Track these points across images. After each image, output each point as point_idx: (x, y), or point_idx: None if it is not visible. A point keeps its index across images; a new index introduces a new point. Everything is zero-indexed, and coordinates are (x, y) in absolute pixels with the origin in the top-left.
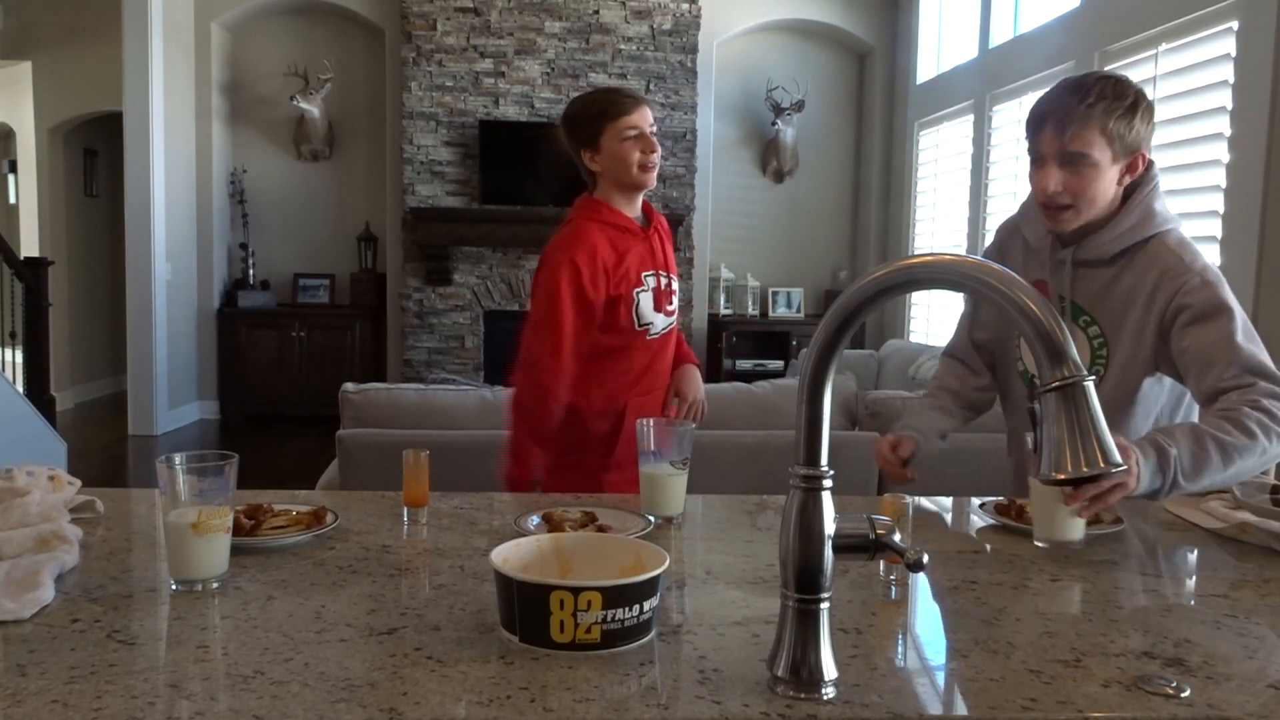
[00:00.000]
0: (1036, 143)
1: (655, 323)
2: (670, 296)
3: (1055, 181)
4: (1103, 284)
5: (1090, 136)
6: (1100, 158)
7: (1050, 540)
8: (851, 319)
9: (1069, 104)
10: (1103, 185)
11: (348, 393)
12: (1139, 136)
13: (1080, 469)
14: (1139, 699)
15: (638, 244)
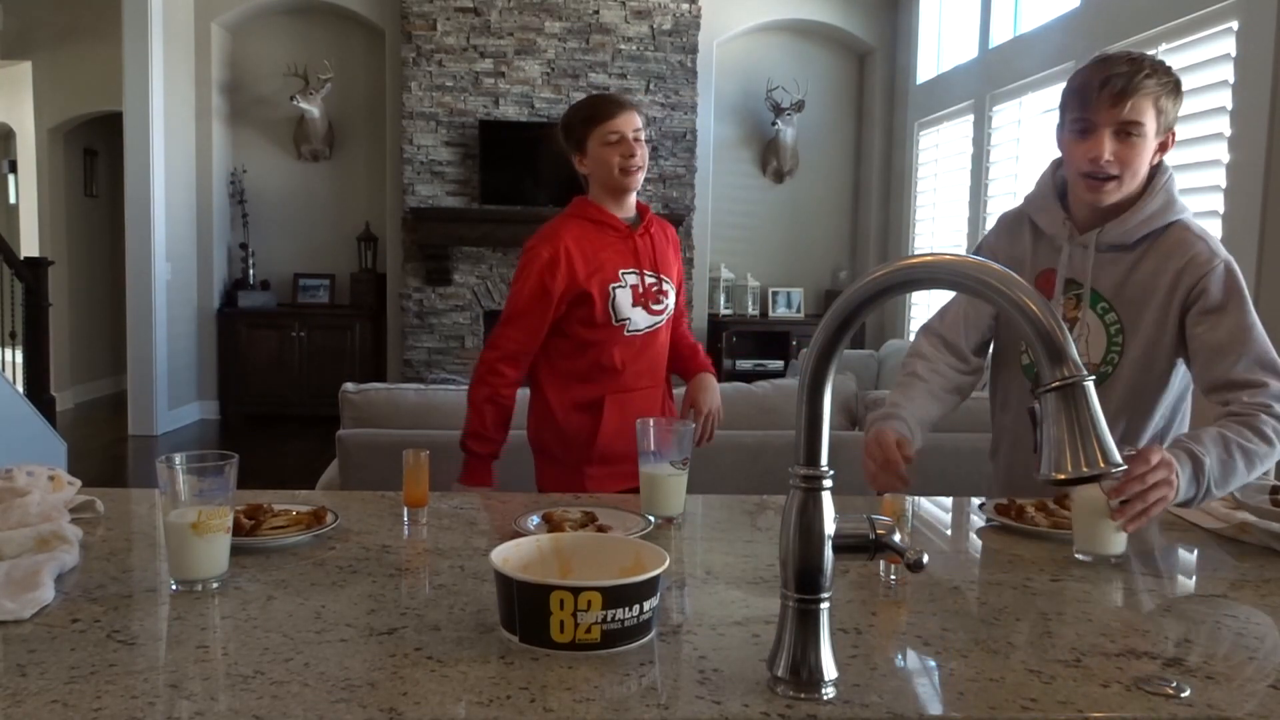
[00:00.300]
0: (1090, 110)
1: (634, 319)
2: (657, 296)
3: (1109, 149)
4: (1123, 270)
5: (1145, 106)
6: (1150, 129)
7: (1092, 553)
8: (851, 319)
9: (1127, 73)
10: (1146, 157)
11: (348, 393)
12: (1175, 114)
13: (1080, 469)
14: (1139, 699)
15: (619, 242)
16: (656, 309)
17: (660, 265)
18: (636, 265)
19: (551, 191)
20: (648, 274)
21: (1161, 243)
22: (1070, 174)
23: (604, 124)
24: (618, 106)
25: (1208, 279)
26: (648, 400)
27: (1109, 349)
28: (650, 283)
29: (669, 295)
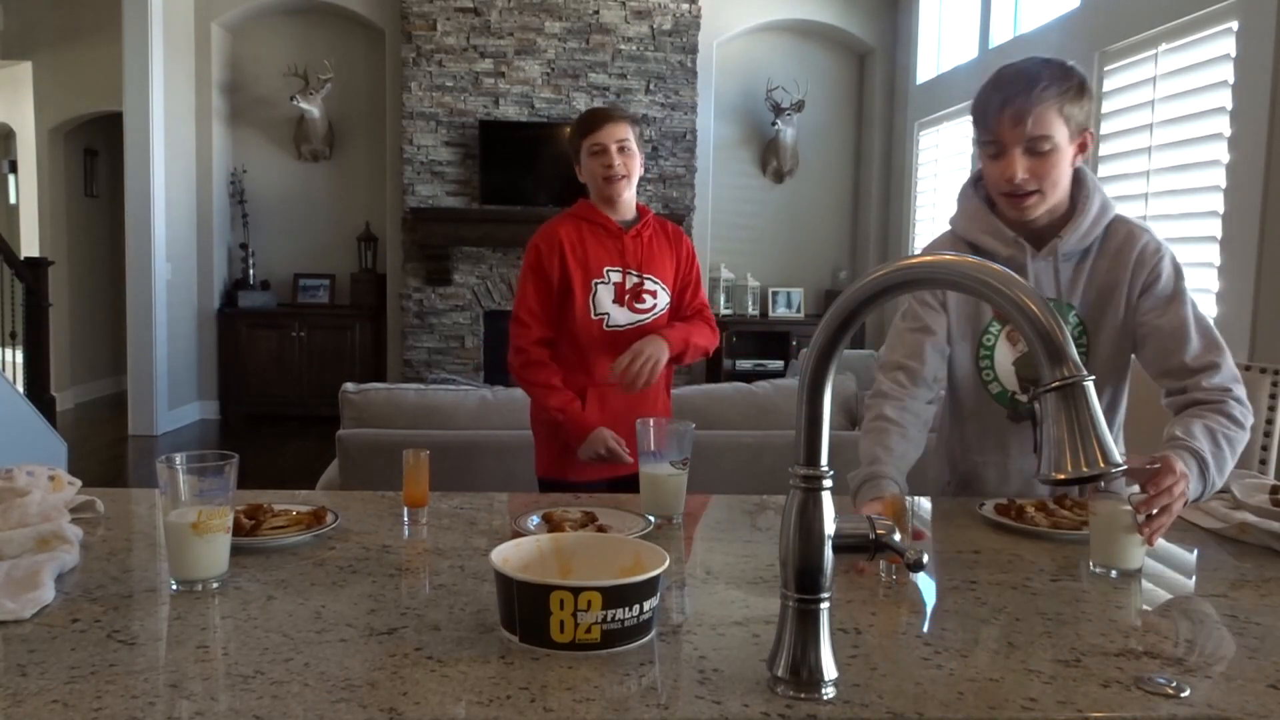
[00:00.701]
0: (995, 131)
1: (613, 314)
2: (641, 295)
3: (1022, 169)
4: (1079, 274)
5: (1049, 118)
6: (1060, 140)
7: (1111, 567)
8: (851, 319)
9: (1023, 91)
10: (1063, 167)
11: (348, 393)
12: (1085, 116)
13: (1080, 469)
14: (1139, 699)
15: (608, 240)
16: (640, 307)
17: (649, 266)
18: (622, 264)
19: (551, 191)
20: (632, 273)
21: (1108, 241)
22: (992, 193)
23: (589, 136)
24: (603, 119)
25: (1159, 267)
26: (635, 396)
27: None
28: (634, 282)
29: (656, 296)
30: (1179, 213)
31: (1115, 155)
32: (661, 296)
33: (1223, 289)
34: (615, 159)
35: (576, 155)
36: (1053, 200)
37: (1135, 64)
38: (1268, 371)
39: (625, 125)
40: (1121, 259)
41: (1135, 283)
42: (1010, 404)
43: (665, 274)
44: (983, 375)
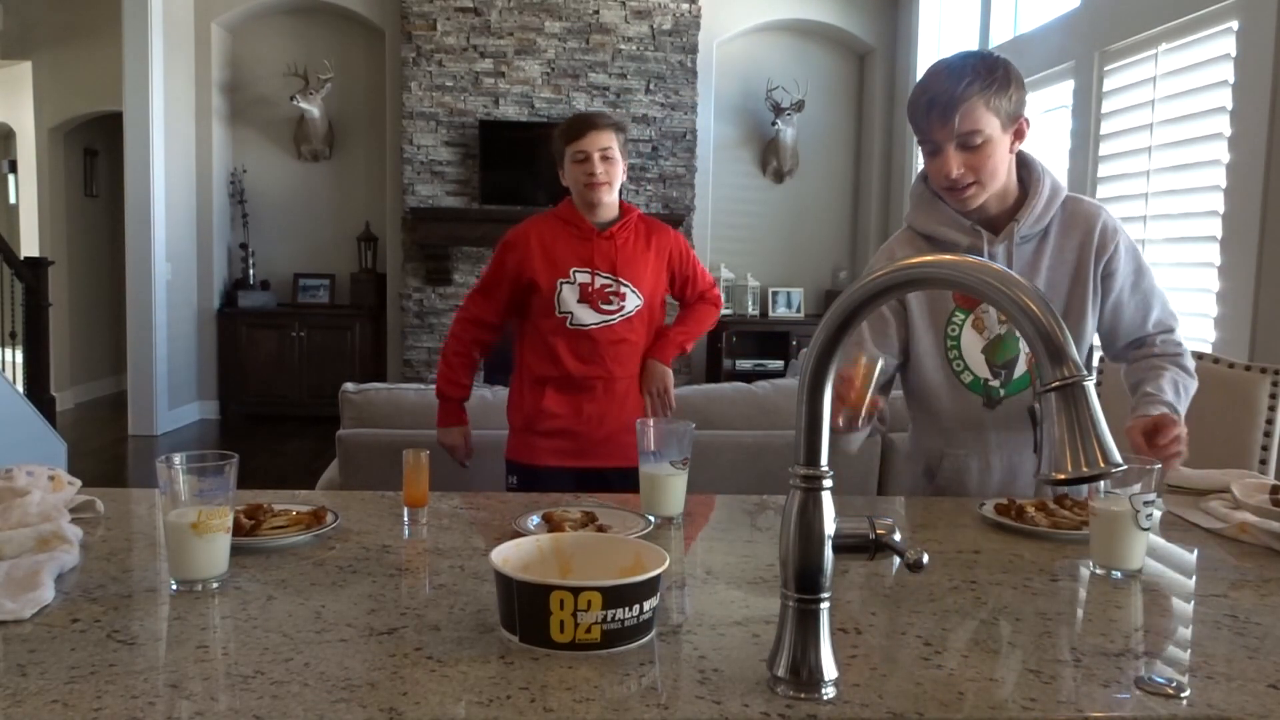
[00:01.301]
0: (926, 132)
1: (577, 314)
2: (609, 297)
3: (957, 164)
4: (1037, 254)
5: (976, 113)
6: (991, 132)
7: (1111, 568)
8: (851, 319)
9: (947, 89)
10: (999, 157)
11: (348, 393)
12: (1017, 104)
13: (1080, 469)
14: (1139, 699)
15: (579, 242)
16: (607, 308)
17: (620, 269)
18: (591, 266)
19: (551, 191)
20: (601, 275)
21: (1062, 220)
22: (936, 189)
23: (573, 143)
24: (587, 126)
25: (1119, 244)
26: (598, 393)
27: None
28: (603, 283)
29: (625, 298)
30: (1179, 213)
31: (1115, 155)
32: (631, 299)
33: (1223, 289)
34: (598, 167)
35: (560, 159)
36: (993, 188)
37: (1135, 64)
38: (1268, 371)
39: (609, 133)
40: (1074, 237)
41: (1099, 261)
42: (984, 391)
43: (640, 277)
44: (953, 366)
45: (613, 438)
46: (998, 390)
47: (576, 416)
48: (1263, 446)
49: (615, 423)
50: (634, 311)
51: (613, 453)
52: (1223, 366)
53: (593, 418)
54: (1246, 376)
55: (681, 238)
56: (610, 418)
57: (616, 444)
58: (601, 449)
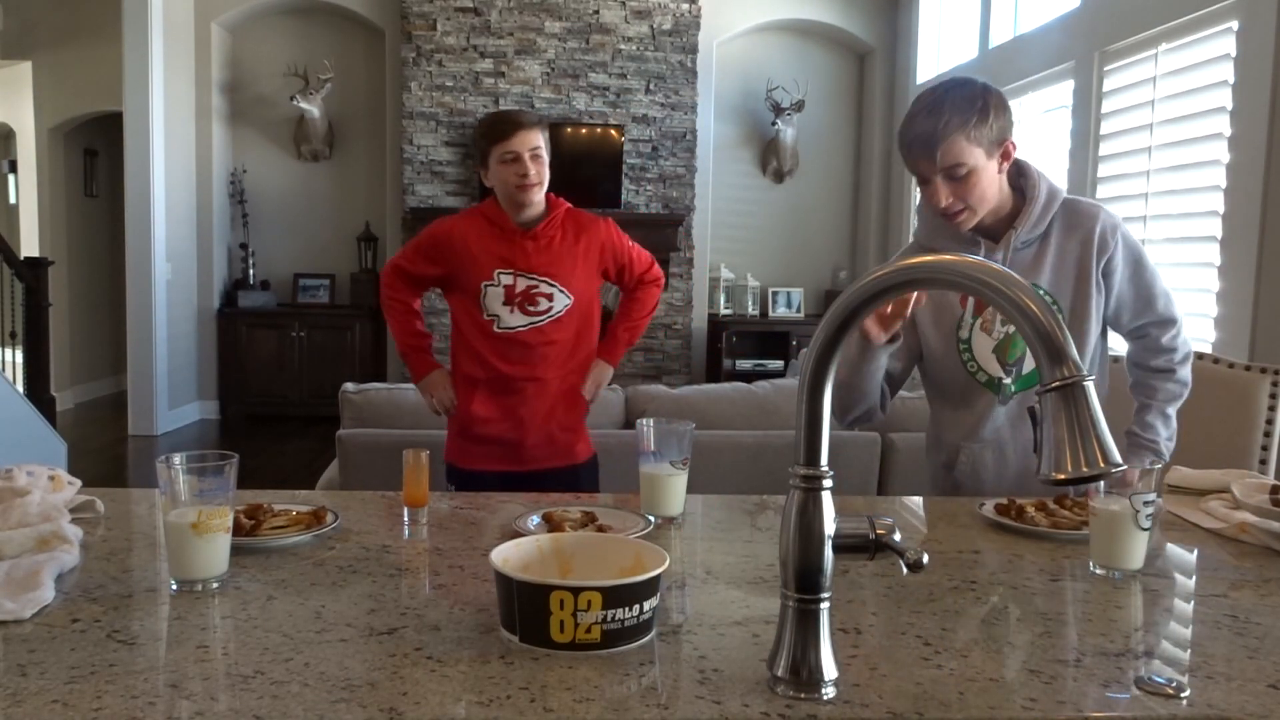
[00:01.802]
0: (915, 168)
1: (503, 317)
2: (534, 298)
3: (946, 195)
4: (1034, 256)
5: (957, 147)
6: (974, 162)
7: (1111, 568)
8: (851, 319)
9: (928, 128)
10: (986, 182)
11: (348, 393)
12: (1000, 130)
13: (1080, 469)
14: (1139, 699)
15: (503, 242)
16: (532, 310)
17: (549, 269)
18: (514, 267)
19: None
20: (524, 276)
21: (1062, 222)
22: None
23: (500, 143)
24: (514, 126)
25: (1118, 242)
26: (529, 395)
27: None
28: (527, 285)
29: (553, 299)
30: (1179, 213)
31: (1115, 155)
32: (560, 299)
33: (1223, 289)
34: (529, 168)
35: (484, 161)
36: (984, 211)
37: (1135, 64)
38: (1268, 371)
39: (537, 131)
40: (1074, 236)
41: (1100, 260)
42: (996, 389)
43: (569, 275)
44: (967, 367)
45: (548, 440)
46: (1009, 387)
47: (508, 420)
48: (1263, 446)
49: (548, 425)
50: (563, 312)
51: (548, 455)
52: (1223, 366)
53: (524, 421)
54: (1246, 376)
55: (611, 226)
56: (542, 420)
57: (552, 446)
58: (536, 452)
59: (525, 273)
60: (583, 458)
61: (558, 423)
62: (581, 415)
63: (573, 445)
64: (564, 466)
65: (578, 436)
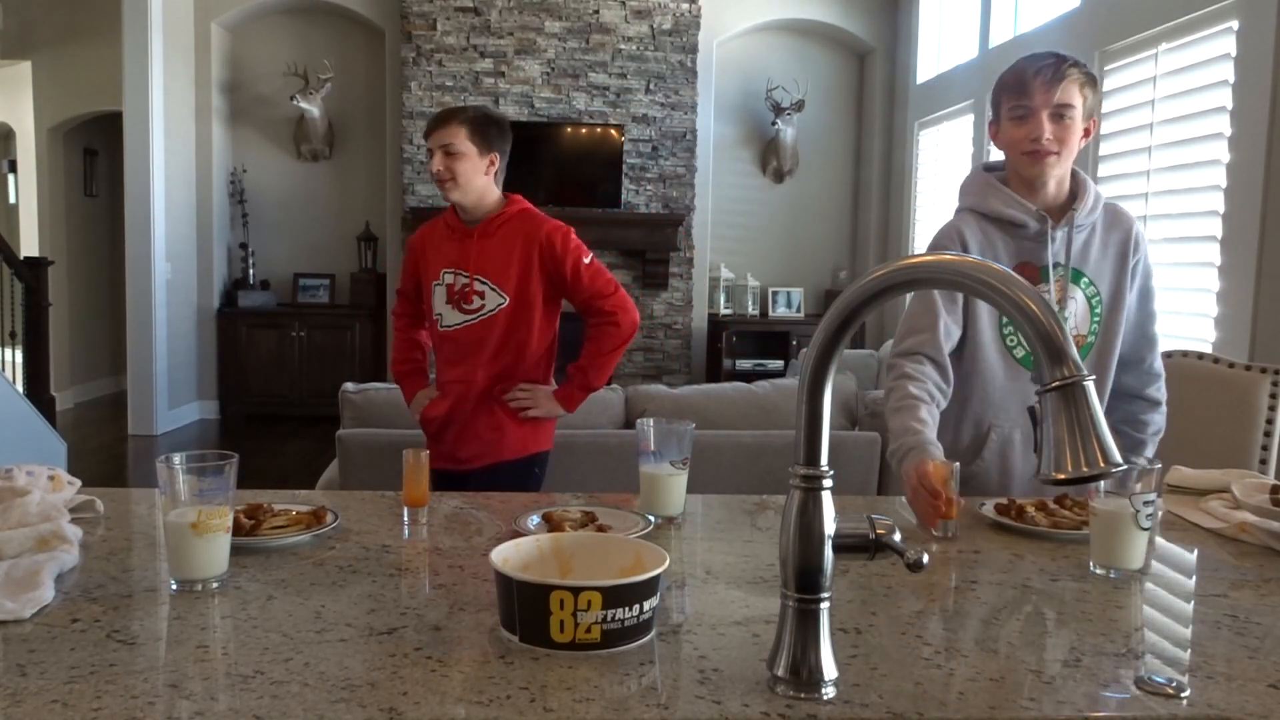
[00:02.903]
0: (1027, 96)
1: (444, 315)
2: (469, 296)
3: (1049, 130)
4: (1084, 244)
5: (1073, 90)
6: (1079, 112)
7: (1110, 567)
8: (851, 319)
9: (1054, 64)
10: (1077, 137)
11: (348, 393)
12: (1095, 103)
13: (1080, 469)
14: (1139, 699)
15: (453, 243)
16: (467, 308)
17: (481, 267)
18: (457, 266)
19: (551, 191)
20: (462, 274)
21: (1104, 220)
22: (1012, 158)
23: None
24: (434, 122)
25: (1144, 254)
26: (461, 394)
27: (1091, 319)
28: (463, 283)
29: (485, 297)
30: (1179, 212)
31: (1115, 155)
32: (491, 297)
33: (1223, 289)
34: (435, 164)
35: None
36: (1063, 167)
37: (1135, 64)
38: (1268, 371)
39: (452, 127)
40: (1113, 234)
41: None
42: (1034, 366)
43: (503, 275)
44: (1006, 341)
45: (474, 438)
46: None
47: (443, 418)
48: (1263, 446)
49: (475, 424)
50: (495, 310)
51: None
52: (1223, 366)
53: (454, 419)
54: (1246, 376)
55: (559, 233)
56: (468, 419)
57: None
58: (461, 450)
59: (464, 271)
60: (508, 456)
61: (484, 422)
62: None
63: (498, 443)
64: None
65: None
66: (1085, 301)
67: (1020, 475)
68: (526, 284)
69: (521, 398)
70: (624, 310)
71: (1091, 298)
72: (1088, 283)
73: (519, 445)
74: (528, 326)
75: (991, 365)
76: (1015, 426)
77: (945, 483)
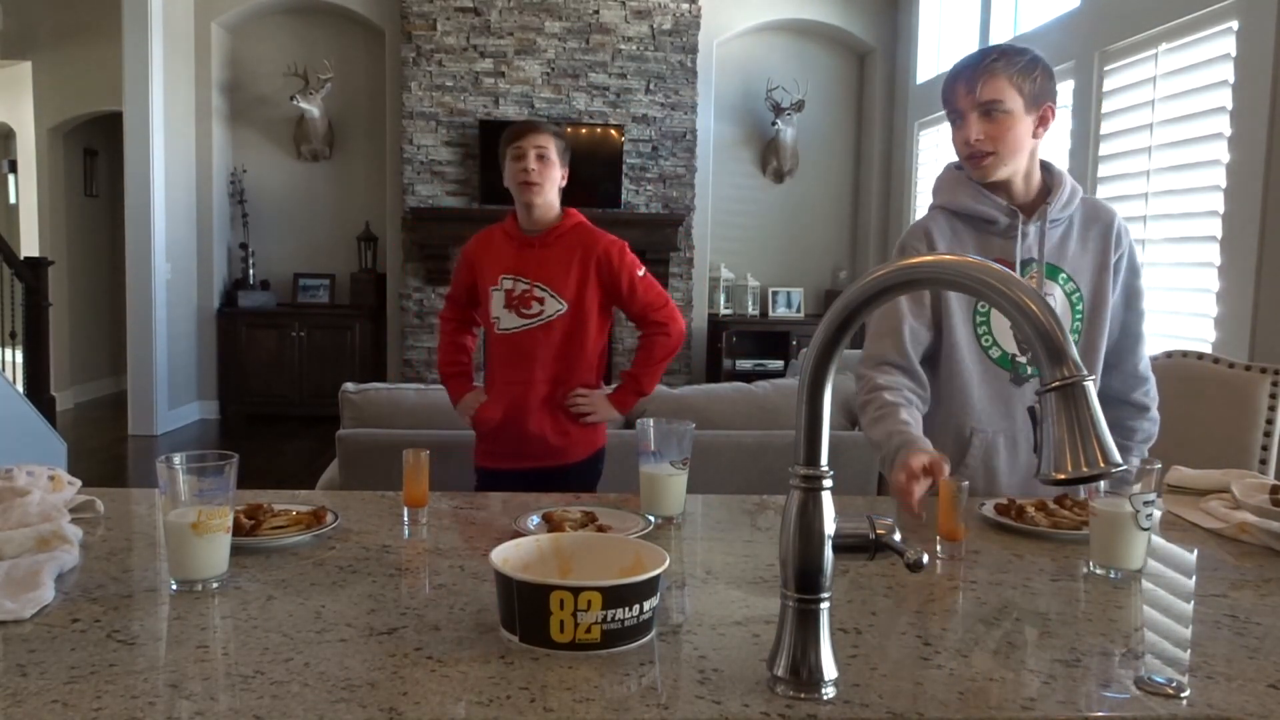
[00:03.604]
0: (953, 101)
1: (502, 319)
2: (529, 302)
3: (977, 131)
4: (1060, 239)
5: (999, 85)
6: (1012, 106)
7: (1110, 567)
8: (851, 319)
9: (975, 62)
10: (1018, 132)
11: (348, 393)
12: (1043, 90)
13: (1080, 469)
14: (1139, 699)
15: (512, 250)
16: (526, 313)
17: (541, 275)
18: (516, 272)
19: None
20: (523, 281)
21: (1083, 215)
22: (959, 159)
23: (512, 143)
24: (526, 127)
25: (1128, 249)
26: (519, 396)
27: (1073, 316)
28: (524, 289)
29: (544, 303)
30: (1179, 212)
31: (1115, 155)
32: (551, 304)
33: (1223, 289)
34: (531, 164)
35: (501, 162)
36: (1011, 164)
37: (1135, 64)
38: (1268, 371)
39: (547, 136)
40: (1093, 229)
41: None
42: (1010, 366)
43: (563, 283)
44: (981, 341)
45: (540, 439)
46: (1024, 367)
47: (505, 420)
48: (1263, 446)
49: (540, 425)
50: (554, 316)
51: (546, 453)
52: (1223, 366)
53: (513, 420)
54: (1246, 376)
55: (615, 248)
56: (535, 420)
57: (546, 445)
58: (532, 449)
59: (524, 278)
60: (577, 458)
61: (551, 426)
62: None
63: (566, 448)
64: (565, 464)
65: (570, 441)
66: (1065, 298)
67: (1006, 480)
68: (583, 293)
69: (581, 403)
70: (674, 320)
71: (1071, 294)
72: (1066, 278)
73: (586, 444)
74: (583, 333)
75: (968, 368)
76: (998, 431)
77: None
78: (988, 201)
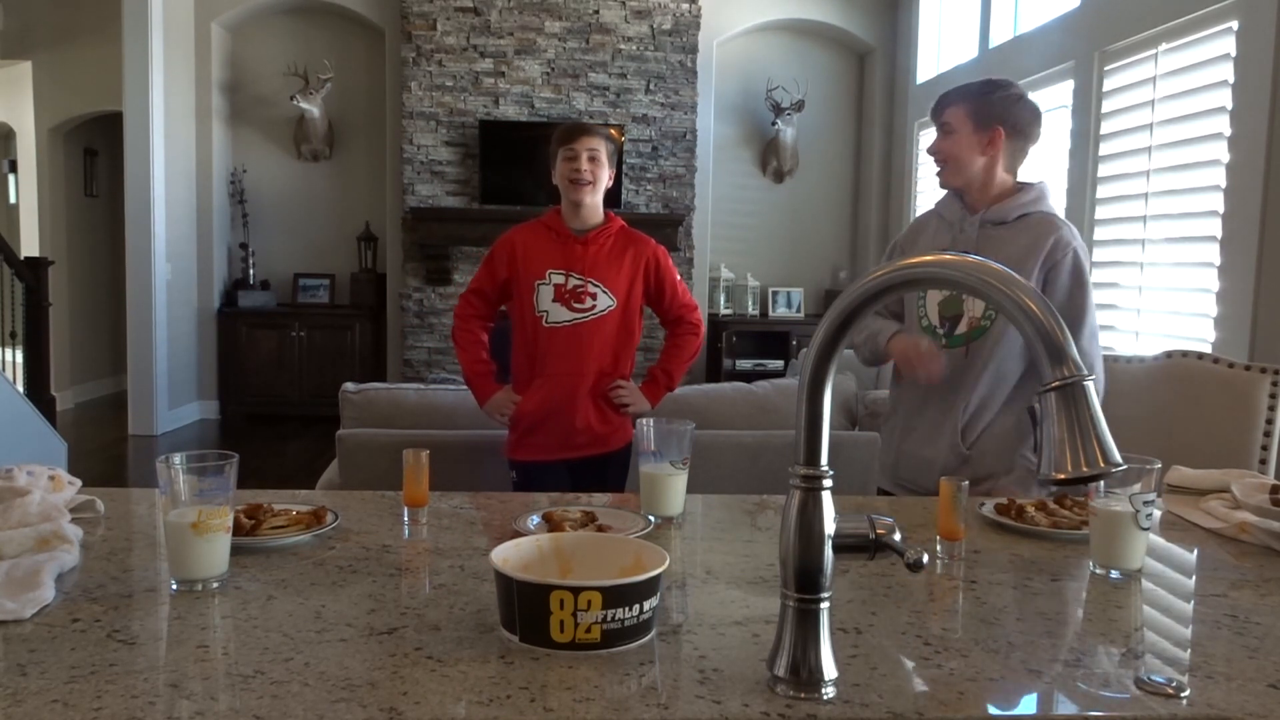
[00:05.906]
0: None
1: (551, 313)
2: (581, 296)
3: (932, 145)
4: (1000, 241)
5: (953, 110)
6: (958, 126)
7: (1110, 567)
8: (851, 319)
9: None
10: (961, 147)
11: (348, 393)
12: (994, 113)
13: (1080, 469)
14: (1139, 699)
15: (559, 246)
16: (579, 307)
17: (595, 272)
18: (566, 268)
19: (551, 191)
20: (574, 276)
21: (1031, 223)
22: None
23: (565, 144)
24: (579, 130)
25: (1066, 258)
26: (569, 387)
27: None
28: (575, 284)
29: (597, 298)
30: (1179, 213)
31: (1115, 155)
32: (603, 299)
33: (1223, 289)
34: (584, 165)
35: (553, 161)
36: (959, 174)
37: (1135, 64)
38: (1268, 371)
39: (600, 140)
40: (1037, 238)
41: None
42: (933, 337)
43: (615, 281)
44: (917, 311)
45: (587, 429)
46: (940, 339)
47: (553, 410)
48: (1263, 446)
49: (588, 416)
50: (605, 311)
51: (591, 442)
52: (1223, 366)
53: (558, 411)
54: (1246, 376)
55: (661, 250)
56: (583, 410)
57: (592, 434)
58: (577, 440)
59: (575, 274)
60: (616, 446)
61: (596, 415)
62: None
63: (608, 436)
64: (608, 451)
65: (613, 429)
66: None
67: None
68: (631, 291)
69: (623, 393)
70: (701, 324)
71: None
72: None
73: (624, 434)
74: (629, 328)
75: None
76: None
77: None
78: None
